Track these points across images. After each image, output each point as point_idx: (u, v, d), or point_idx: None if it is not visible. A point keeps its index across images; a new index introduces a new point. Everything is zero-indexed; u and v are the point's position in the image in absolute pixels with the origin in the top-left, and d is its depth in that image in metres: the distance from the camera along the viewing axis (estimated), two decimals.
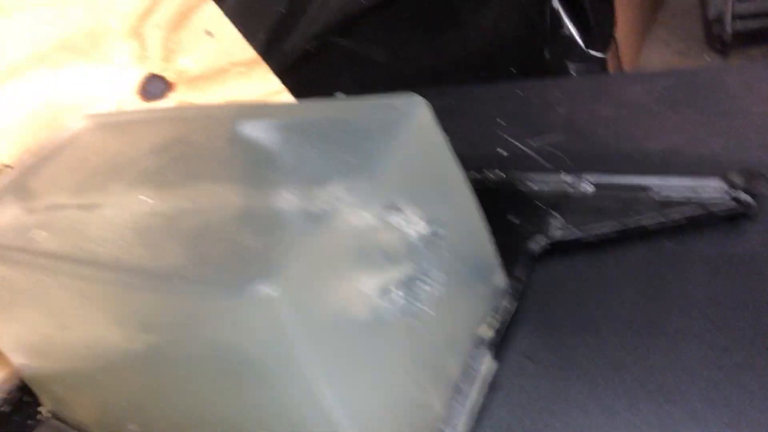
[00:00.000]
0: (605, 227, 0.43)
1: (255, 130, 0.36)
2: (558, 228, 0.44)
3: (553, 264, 0.44)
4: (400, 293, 0.29)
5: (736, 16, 1.84)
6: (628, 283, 0.41)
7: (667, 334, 0.36)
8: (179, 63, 0.63)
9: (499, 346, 0.37)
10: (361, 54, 1.10)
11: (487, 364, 0.35)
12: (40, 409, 0.46)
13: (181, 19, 0.64)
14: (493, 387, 0.36)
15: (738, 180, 0.41)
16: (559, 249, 0.44)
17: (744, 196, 0.41)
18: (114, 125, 0.47)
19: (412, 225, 0.30)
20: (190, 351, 0.27)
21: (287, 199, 0.29)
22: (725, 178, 0.42)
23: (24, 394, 0.47)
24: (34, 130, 0.52)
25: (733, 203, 0.41)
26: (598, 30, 1.73)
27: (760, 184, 0.41)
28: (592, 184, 0.47)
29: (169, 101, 0.61)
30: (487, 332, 0.37)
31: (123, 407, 0.35)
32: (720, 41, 1.92)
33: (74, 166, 0.42)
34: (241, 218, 0.29)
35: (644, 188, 0.44)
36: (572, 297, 0.41)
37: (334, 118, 0.34)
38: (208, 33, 0.66)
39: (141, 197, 0.32)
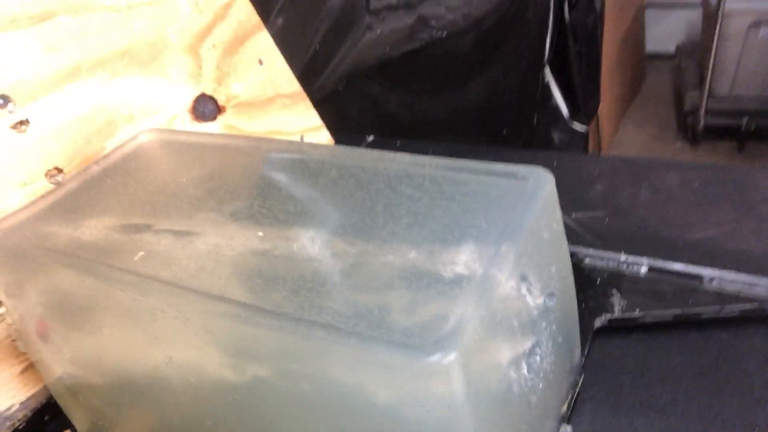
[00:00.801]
0: (664, 311, 0.44)
1: (364, 176, 0.36)
2: (617, 306, 0.45)
3: (609, 341, 0.45)
4: (525, 365, 0.29)
5: (708, 111, 1.97)
6: (686, 369, 0.42)
7: (728, 426, 0.38)
8: (231, 87, 0.62)
9: (569, 421, 0.38)
10: (377, 98, 1.12)
11: None
12: None
13: (236, 43, 0.64)
14: None
15: None
16: (615, 327, 0.45)
17: None
18: (181, 145, 0.45)
19: (534, 296, 0.31)
20: (323, 396, 0.26)
21: (421, 258, 0.29)
22: None
23: (48, 416, 0.44)
24: (88, 134, 0.50)
25: None
26: (584, 105, 1.82)
27: None
28: (646, 266, 0.48)
29: (217, 124, 0.60)
30: (564, 408, 0.37)
31: None
32: (692, 132, 2.05)
33: (148, 184, 0.41)
34: (375, 270, 0.29)
35: (698, 278, 0.46)
36: (631, 378, 0.42)
37: (451, 178, 0.34)
38: (260, 61, 0.66)
39: (258, 233, 0.32)
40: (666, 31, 2.42)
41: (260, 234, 0.32)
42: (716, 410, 0.39)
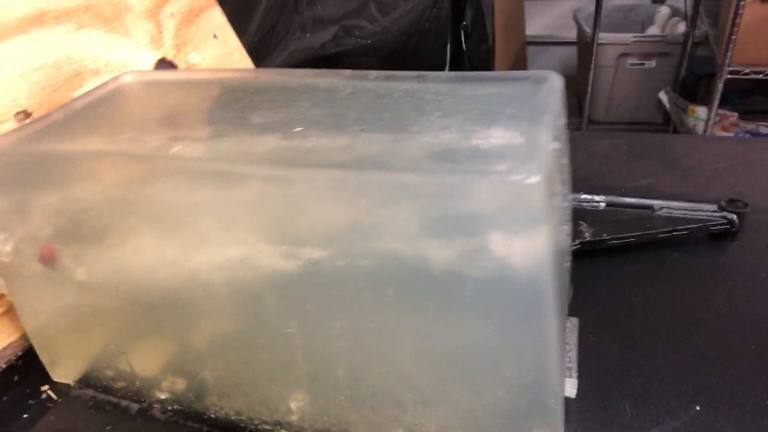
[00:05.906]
0: (627, 234, 0.50)
1: (378, 92, 0.38)
2: (587, 233, 0.50)
3: (581, 263, 0.49)
4: (564, 228, 0.32)
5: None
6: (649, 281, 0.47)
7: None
8: (189, 56, 0.62)
9: None
10: None
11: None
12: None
13: (192, 15, 0.63)
14: None
15: (725, 204, 0.51)
16: (586, 251, 0.50)
17: (731, 215, 0.50)
18: (163, 83, 0.45)
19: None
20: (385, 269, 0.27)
21: (460, 137, 0.31)
22: (717, 203, 0.51)
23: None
24: (56, 82, 0.47)
25: (724, 221, 0.50)
26: None
27: (740, 206, 0.50)
28: (604, 202, 0.54)
29: None
30: None
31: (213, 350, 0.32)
32: None
33: (145, 110, 0.40)
34: (416, 147, 0.31)
35: (650, 207, 0.53)
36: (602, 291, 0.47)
37: (465, 86, 0.37)
38: (215, 36, 0.66)
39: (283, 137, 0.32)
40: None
41: (291, 135, 0.33)
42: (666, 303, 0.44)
